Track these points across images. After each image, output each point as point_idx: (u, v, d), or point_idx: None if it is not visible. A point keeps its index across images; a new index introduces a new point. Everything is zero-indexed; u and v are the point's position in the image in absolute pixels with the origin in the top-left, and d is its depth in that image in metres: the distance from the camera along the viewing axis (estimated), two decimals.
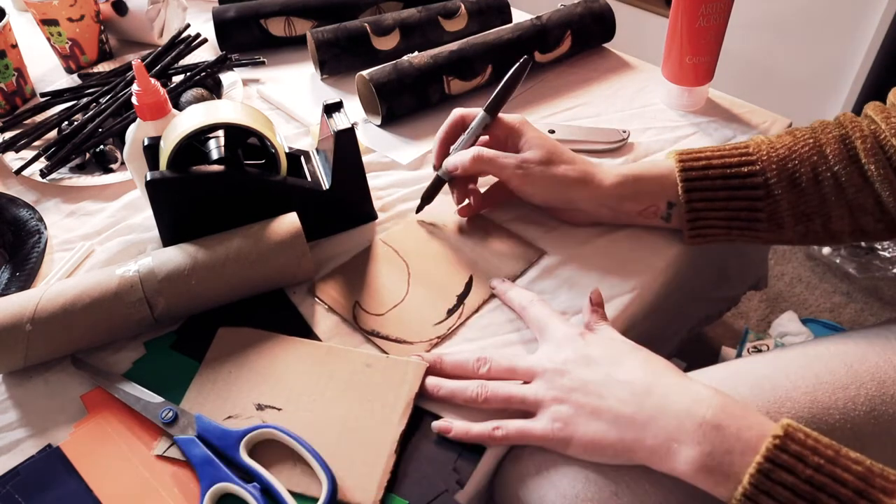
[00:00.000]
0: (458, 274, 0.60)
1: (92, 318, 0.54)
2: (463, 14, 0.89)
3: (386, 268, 0.61)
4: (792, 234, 0.52)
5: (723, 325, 1.32)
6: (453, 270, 0.60)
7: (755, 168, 0.51)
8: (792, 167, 0.51)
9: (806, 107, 1.44)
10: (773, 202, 0.51)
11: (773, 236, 0.53)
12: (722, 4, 0.70)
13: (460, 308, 0.57)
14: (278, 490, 0.46)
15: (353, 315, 0.57)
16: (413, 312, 0.57)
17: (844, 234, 0.53)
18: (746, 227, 0.52)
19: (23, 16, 1.05)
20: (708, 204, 0.52)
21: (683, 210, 0.53)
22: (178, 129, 0.57)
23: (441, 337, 0.55)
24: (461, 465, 0.48)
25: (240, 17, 0.90)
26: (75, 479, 0.48)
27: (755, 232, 0.53)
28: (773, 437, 0.38)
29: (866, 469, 0.37)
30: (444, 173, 0.62)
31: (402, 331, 0.56)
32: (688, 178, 0.52)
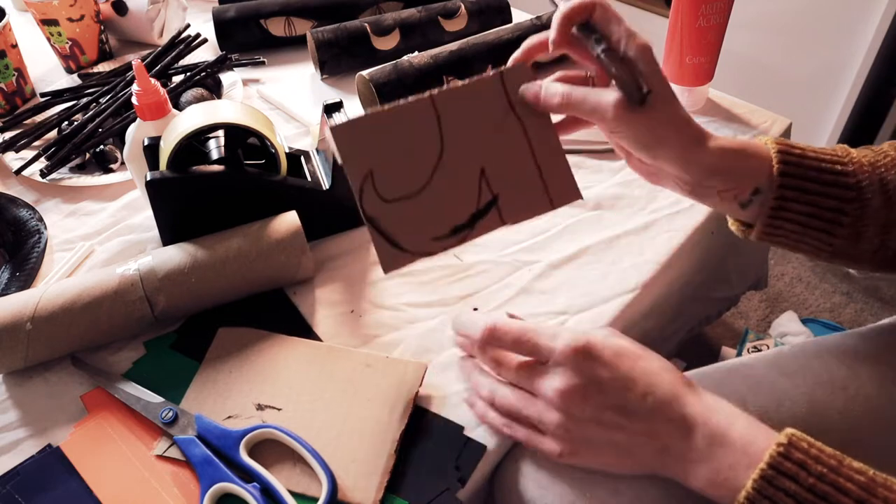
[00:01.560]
0: (486, 185, 0.50)
1: (92, 317, 0.54)
2: (463, 14, 0.89)
3: (418, 137, 0.49)
4: (868, 245, 0.49)
5: (723, 325, 1.32)
6: (484, 179, 0.50)
7: (848, 168, 0.48)
8: (881, 172, 0.49)
9: (806, 107, 1.44)
10: (861, 206, 0.48)
11: (847, 246, 0.49)
12: (722, 4, 0.70)
13: (467, 231, 0.49)
14: (278, 490, 0.46)
15: (360, 187, 0.47)
16: (422, 211, 0.48)
17: None
18: (826, 228, 0.49)
19: (23, 16, 1.06)
20: (798, 195, 0.48)
21: (771, 197, 0.48)
22: (178, 129, 0.57)
23: (431, 255, 0.49)
24: (462, 463, 0.48)
25: (240, 17, 0.90)
26: (75, 479, 0.48)
27: (831, 237, 0.49)
28: (776, 445, 0.38)
29: (869, 479, 0.37)
30: None
31: (401, 230, 0.48)
32: (785, 162, 0.48)
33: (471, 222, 0.49)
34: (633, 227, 0.65)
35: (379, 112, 0.48)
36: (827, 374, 0.50)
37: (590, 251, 0.63)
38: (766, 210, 0.49)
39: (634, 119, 0.46)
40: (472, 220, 0.49)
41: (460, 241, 0.49)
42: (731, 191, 0.49)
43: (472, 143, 0.49)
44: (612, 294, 0.60)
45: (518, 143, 0.50)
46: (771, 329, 1.24)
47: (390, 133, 0.48)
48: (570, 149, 0.73)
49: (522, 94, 0.49)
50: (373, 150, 0.48)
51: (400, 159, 0.48)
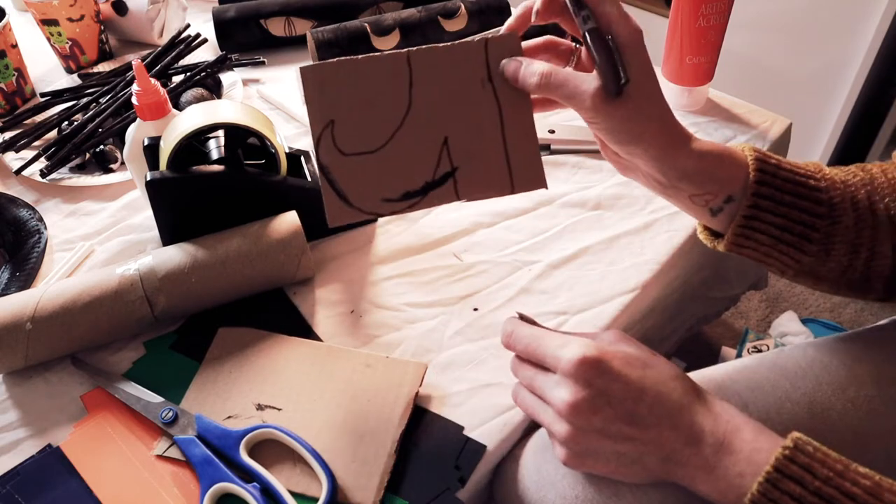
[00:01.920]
0: (447, 156, 0.48)
1: (92, 317, 0.54)
2: (463, 14, 0.89)
3: (386, 95, 0.47)
4: (835, 265, 0.48)
5: (723, 325, 1.32)
6: (445, 149, 0.48)
7: (821, 185, 0.47)
8: (852, 191, 0.48)
9: (806, 107, 1.44)
10: (832, 223, 0.47)
11: (815, 263, 0.48)
12: (722, 4, 0.70)
13: (418, 198, 0.47)
14: (278, 490, 0.46)
15: (319, 135, 0.46)
16: (376, 170, 0.47)
17: (882, 277, 0.50)
18: (796, 243, 0.47)
19: (23, 16, 1.05)
20: (772, 205, 0.47)
21: (744, 205, 0.47)
22: (178, 129, 0.57)
23: (378, 216, 0.48)
24: (463, 463, 0.48)
25: (240, 17, 0.90)
26: (75, 479, 0.48)
27: (800, 253, 0.48)
28: (782, 448, 0.38)
29: (875, 483, 0.37)
30: None
31: (353, 185, 0.47)
32: (762, 170, 0.47)
33: (423, 190, 0.48)
34: (633, 227, 0.65)
35: (352, 60, 0.46)
36: (827, 376, 0.50)
37: (590, 251, 0.63)
38: (738, 219, 0.47)
39: (612, 111, 0.44)
40: (426, 188, 0.48)
41: (409, 207, 0.47)
42: (703, 196, 0.48)
43: (441, 109, 0.48)
44: (612, 294, 0.60)
45: (489, 119, 0.48)
46: (771, 329, 1.24)
47: (359, 85, 0.47)
48: (571, 149, 0.73)
49: (502, 68, 0.47)
50: (338, 98, 0.46)
51: (364, 113, 0.47)
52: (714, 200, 0.48)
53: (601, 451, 0.42)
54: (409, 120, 0.47)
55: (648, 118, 0.45)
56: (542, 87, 0.45)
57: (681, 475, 0.41)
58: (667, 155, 0.46)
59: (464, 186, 0.48)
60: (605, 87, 0.43)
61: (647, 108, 0.45)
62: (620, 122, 0.45)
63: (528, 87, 0.46)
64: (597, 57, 0.43)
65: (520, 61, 0.46)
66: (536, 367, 0.45)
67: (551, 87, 0.45)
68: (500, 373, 0.54)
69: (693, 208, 0.49)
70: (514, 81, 0.47)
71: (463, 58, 0.47)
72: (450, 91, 0.48)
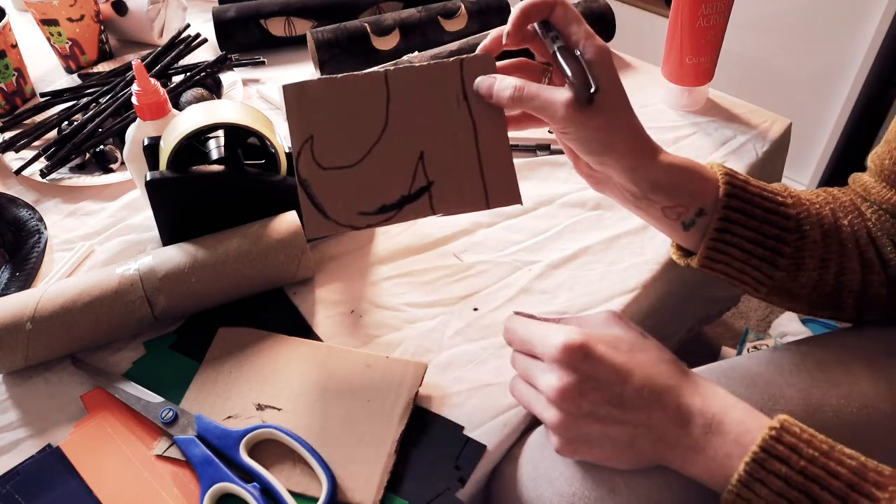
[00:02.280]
0: (422, 171, 0.49)
1: (92, 317, 0.54)
2: (463, 14, 0.89)
3: (363, 113, 0.49)
4: (807, 279, 0.49)
5: (723, 325, 1.32)
6: (421, 164, 0.49)
7: (787, 201, 0.49)
8: (816, 210, 0.50)
9: (806, 107, 1.44)
10: (800, 237, 0.49)
11: (787, 279, 0.49)
12: (722, 4, 0.70)
13: (394, 212, 0.49)
14: (278, 490, 0.46)
15: (298, 150, 0.48)
16: (354, 185, 0.49)
17: (852, 293, 0.51)
18: (768, 257, 0.48)
19: (23, 16, 1.06)
20: (742, 218, 0.48)
21: (716, 218, 0.48)
22: (178, 129, 0.57)
23: (353, 229, 0.49)
24: (463, 463, 0.48)
25: (240, 17, 0.90)
26: (75, 479, 0.48)
27: (773, 268, 0.49)
28: (769, 429, 0.39)
29: (860, 464, 0.38)
30: None
31: (330, 199, 0.48)
32: (732, 184, 0.48)
33: (399, 204, 0.49)
34: (633, 227, 0.65)
35: (331, 79, 0.48)
36: (822, 373, 0.50)
37: (590, 251, 0.63)
38: (710, 232, 0.48)
39: (585, 121, 0.46)
40: (401, 202, 0.49)
41: (385, 221, 0.49)
42: (675, 208, 0.49)
43: (417, 125, 0.49)
44: (612, 294, 0.60)
45: (464, 135, 0.49)
46: (771, 329, 1.24)
47: (338, 102, 0.49)
48: None
49: (477, 85, 0.49)
50: (318, 115, 0.48)
51: (342, 129, 0.49)
52: (686, 213, 0.49)
53: (592, 435, 0.43)
54: (386, 136, 0.49)
55: (620, 128, 0.47)
56: (516, 100, 0.47)
57: (671, 457, 0.42)
58: (639, 165, 0.47)
59: (439, 201, 0.49)
60: (577, 96, 0.44)
61: (617, 118, 0.47)
62: (594, 132, 0.46)
63: (502, 101, 0.48)
64: (567, 69, 0.45)
65: (494, 77, 0.48)
66: (530, 357, 0.46)
67: (524, 99, 0.47)
68: (500, 373, 0.54)
69: (666, 222, 0.50)
70: (489, 97, 0.48)
71: (439, 77, 0.49)
72: (426, 109, 0.49)
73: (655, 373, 0.43)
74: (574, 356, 0.42)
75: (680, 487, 0.43)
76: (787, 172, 1.24)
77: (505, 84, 0.47)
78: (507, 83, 0.47)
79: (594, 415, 0.42)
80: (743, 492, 0.38)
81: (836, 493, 0.37)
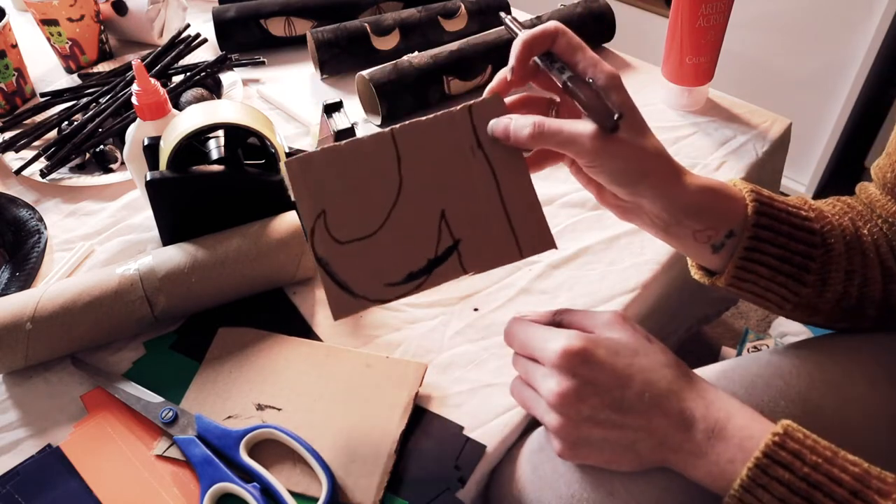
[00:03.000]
0: (447, 229, 0.46)
1: (92, 317, 0.54)
2: (463, 14, 0.89)
3: (375, 178, 0.46)
4: (832, 294, 0.49)
5: (723, 325, 1.32)
6: (444, 223, 0.46)
7: (810, 215, 0.48)
8: (838, 221, 0.50)
9: (806, 107, 1.44)
10: (826, 251, 0.48)
11: (812, 295, 0.49)
12: (722, 4, 0.70)
13: (423, 278, 0.45)
14: (278, 490, 0.46)
15: (311, 228, 0.45)
16: (376, 256, 0.45)
17: (874, 303, 0.51)
18: (795, 274, 0.48)
19: (23, 16, 1.05)
20: (771, 236, 0.47)
21: (745, 237, 0.46)
22: (178, 129, 0.57)
23: (383, 303, 0.45)
24: (462, 463, 0.48)
25: (240, 17, 0.90)
26: (75, 479, 0.48)
27: (799, 285, 0.48)
28: (772, 435, 0.39)
29: (863, 471, 0.37)
30: None
31: (353, 274, 0.45)
32: (759, 202, 0.47)
33: (427, 269, 0.45)
34: (633, 228, 0.65)
35: (335, 147, 0.45)
36: (821, 374, 0.50)
37: (590, 251, 0.63)
38: (739, 251, 0.47)
39: (614, 150, 0.43)
40: (430, 266, 0.45)
41: (416, 288, 0.45)
42: (706, 231, 0.47)
43: (434, 183, 0.46)
44: (612, 294, 0.60)
45: (485, 185, 0.46)
46: (771, 329, 1.24)
47: (346, 171, 0.45)
48: None
49: (491, 129, 0.46)
50: (327, 188, 0.45)
51: (355, 199, 0.45)
52: (716, 236, 0.47)
53: (593, 439, 0.43)
54: (403, 198, 0.46)
55: (650, 154, 0.44)
56: (537, 138, 0.44)
57: (674, 461, 0.42)
58: (670, 190, 0.45)
59: (469, 259, 0.46)
60: (601, 125, 0.42)
61: (645, 143, 0.44)
62: (624, 162, 0.44)
63: (522, 141, 0.45)
64: (584, 99, 0.43)
65: (509, 118, 0.45)
66: (531, 361, 0.46)
67: (546, 136, 0.44)
68: (501, 373, 0.54)
69: (695, 247, 0.48)
70: (506, 139, 0.45)
71: (448, 127, 0.46)
72: (440, 163, 0.46)
73: (657, 377, 0.43)
74: (573, 361, 0.42)
75: (679, 490, 0.43)
76: (787, 172, 1.24)
77: (522, 122, 0.44)
78: (524, 121, 0.44)
79: (594, 419, 0.42)
80: (745, 497, 0.38)
81: (839, 499, 0.37)
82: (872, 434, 0.48)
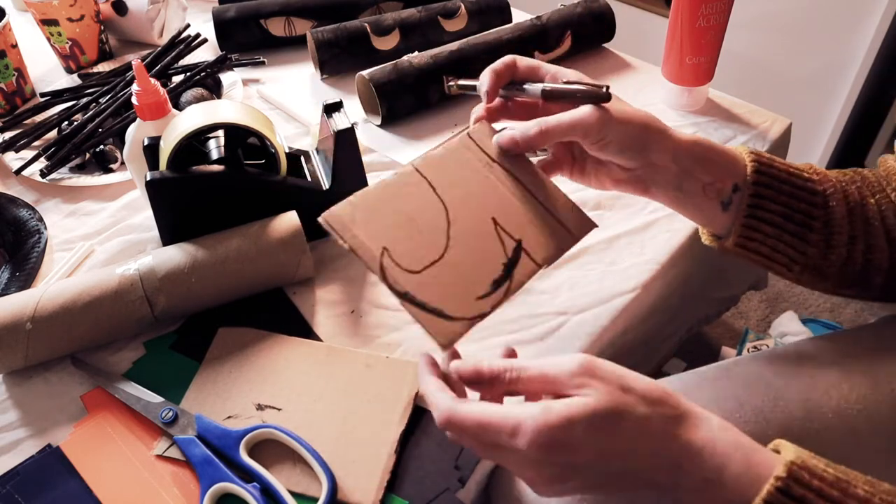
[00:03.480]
0: (505, 234, 0.47)
1: (92, 317, 0.54)
2: (463, 14, 0.89)
3: (419, 206, 0.46)
4: (836, 256, 0.50)
5: (723, 325, 1.32)
6: (500, 229, 0.48)
7: (813, 177, 0.50)
8: (842, 186, 0.51)
9: (806, 107, 1.44)
10: (827, 212, 0.49)
11: (818, 256, 0.50)
12: (722, 4, 0.70)
13: (508, 282, 0.46)
14: (278, 490, 0.46)
15: (380, 265, 0.44)
16: (454, 275, 0.45)
17: (881, 271, 0.51)
18: (799, 232, 0.49)
19: (23, 16, 1.06)
20: (772, 193, 0.49)
21: (747, 194, 0.48)
22: (178, 129, 0.57)
23: (484, 315, 0.44)
24: (463, 463, 0.48)
25: (240, 17, 0.90)
26: (75, 479, 0.48)
27: (805, 244, 0.49)
28: (774, 479, 0.35)
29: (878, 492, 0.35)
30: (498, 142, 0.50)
31: (442, 298, 0.44)
32: (759, 162, 0.49)
33: (507, 272, 0.46)
34: (633, 227, 0.65)
35: (368, 191, 0.46)
36: (821, 374, 0.50)
37: (590, 251, 0.63)
38: (742, 209, 0.49)
39: (614, 118, 0.46)
40: (508, 269, 0.46)
41: (505, 294, 0.45)
42: (714, 184, 0.49)
43: (473, 198, 0.48)
44: (612, 294, 0.60)
45: (515, 190, 0.49)
46: (771, 329, 1.24)
47: (389, 207, 0.46)
48: None
49: (497, 144, 0.49)
50: (379, 226, 0.45)
51: (411, 229, 0.46)
52: (724, 189, 0.49)
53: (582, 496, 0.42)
54: (453, 217, 0.47)
55: (640, 112, 0.48)
56: (545, 134, 0.47)
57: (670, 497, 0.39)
58: (671, 139, 0.49)
59: (536, 252, 0.47)
60: (596, 100, 0.46)
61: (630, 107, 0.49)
62: (626, 125, 0.47)
63: (532, 142, 0.47)
64: (570, 88, 0.47)
65: (511, 128, 0.48)
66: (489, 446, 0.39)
67: (551, 129, 0.46)
68: None
69: (706, 204, 0.49)
70: (515, 146, 0.48)
71: (459, 151, 0.49)
72: (467, 181, 0.48)
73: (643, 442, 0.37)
74: (549, 453, 0.36)
75: None
76: None
77: (526, 126, 0.47)
78: (527, 125, 0.47)
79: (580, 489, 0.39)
80: None
81: None
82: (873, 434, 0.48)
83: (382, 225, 0.45)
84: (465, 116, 0.79)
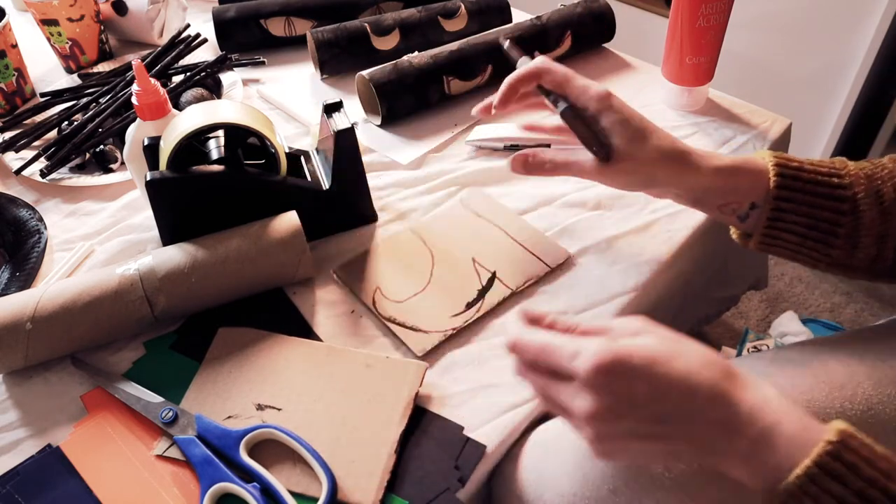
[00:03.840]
0: (482, 267, 0.61)
1: (92, 317, 0.54)
2: (463, 14, 0.89)
3: (410, 255, 0.62)
4: (864, 255, 0.50)
5: (723, 325, 1.32)
6: (478, 265, 0.61)
7: (844, 181, 0.50)
8: (877, 185, 0.50)
9: (806, 107, 1.44)
10: (856, 218, 0.49)
11: (844, 256, 0.50)
12: (722, 4, 0.70)
13: (479, 303, 0.58)
14: (278, 490, 0.46)
15: (372, 300, 0.58)
16: (432, 302, 0.58)
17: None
18: (822, 239, 0.50)
19: (23, 16, 1.06)
20: (794, 207, 0.50)
21: (767, 209, 0.50)
22: (178, 129, 0.57)
23: (456, 329, 0.56)
24: (462, 463, 0.48)
25: (240, 17, 0.90)
26: (75, 479, 0.48)
27: (828, 248, 0.50)
28: (825, 443, 0.36)
29: None
30: None
31: (420, 319, 0.57)
32: (782, 175, 0.50)
33: (480, 296, 0.59)
34: (633, 227, 0.65)
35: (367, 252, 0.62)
36: (825, 375, 0.50)
37: (590, 251, 0.63)
38: (762, 222, 0.51)
39: (617, 169, 0.51)
40: (481, 293, 0.59)
41: (476, 312, 0.57)
42: (729, 205, 0.52)
43: (456, 243, 0.63)
44: (612, 294, 0.59)
45: (496, 233, 0.63)
46: (771, 329, 1.24)
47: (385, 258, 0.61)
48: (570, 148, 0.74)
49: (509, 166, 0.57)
50: (375, 274, 0.61)
51: (399, 273, 0.60)
52: (740, 208, 0.52)
53: (631, 449, 0.40)
54: (438, 260, 0.62)
55: (652, 161, 0.51)
56: (553, 169, 0.56)
57: (715, 463, 0.39)
58: (684, 180, 0.52)
59: (510, 280, 0.60)
60: (596, 157, 0.51)
61: (647, 148, 0.51)
62: (628, 176, 0.52)
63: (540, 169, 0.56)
64: (579, 134, 0.52)
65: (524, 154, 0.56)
66: (548, 375, 0.41)
67: (559, 167, 0.56)
68: (501, 373, 0.54)
69: (723, 216, 0.54)
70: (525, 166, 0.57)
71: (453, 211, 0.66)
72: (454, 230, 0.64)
73: (696, 383, 0.38)
74: (607, 378, 0.38)
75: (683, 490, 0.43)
76: None
77: (541, 159, 0.56)
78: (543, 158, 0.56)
79: (633, 433, 0.39)
80: None
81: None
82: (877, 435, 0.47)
83: (378, 272, 0.61)
84: (465, 116, 0.79)
